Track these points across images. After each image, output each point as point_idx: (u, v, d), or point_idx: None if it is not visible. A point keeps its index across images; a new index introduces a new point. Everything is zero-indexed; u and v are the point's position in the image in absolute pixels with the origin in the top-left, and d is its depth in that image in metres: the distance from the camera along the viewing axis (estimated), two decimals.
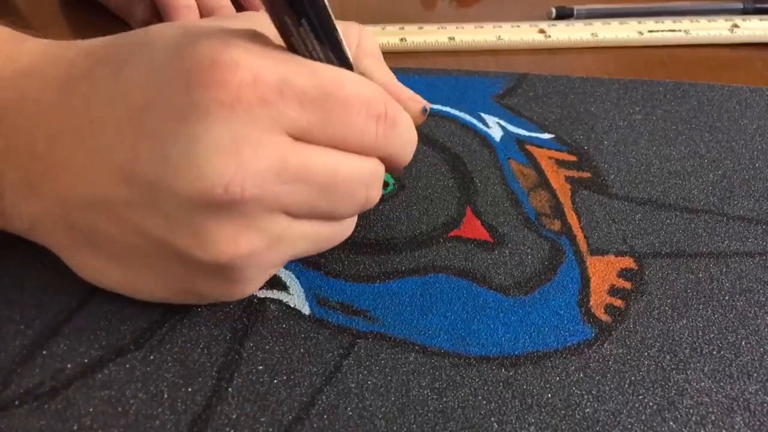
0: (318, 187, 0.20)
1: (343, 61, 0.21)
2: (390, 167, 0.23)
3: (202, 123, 0.18)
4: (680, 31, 0.42)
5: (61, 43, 0.22)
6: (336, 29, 0.20)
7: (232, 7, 0.38)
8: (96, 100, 0.20)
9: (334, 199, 0.21)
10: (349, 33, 0.24)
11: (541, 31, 0.41)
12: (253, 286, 0.22)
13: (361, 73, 0.22)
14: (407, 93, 0.25)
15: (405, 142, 0.23)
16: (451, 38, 0.40)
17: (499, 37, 0.40)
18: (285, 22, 0.19)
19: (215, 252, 0.19)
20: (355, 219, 0.24)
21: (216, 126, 0.18)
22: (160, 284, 0.22)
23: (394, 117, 0.21)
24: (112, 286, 0.22)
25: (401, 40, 0.39)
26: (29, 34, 0.23)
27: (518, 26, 0.42)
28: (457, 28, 0.41)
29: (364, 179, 0.21)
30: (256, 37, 0.20)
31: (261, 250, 0.20)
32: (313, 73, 0.19)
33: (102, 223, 0.20)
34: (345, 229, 0.23)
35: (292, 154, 0.19)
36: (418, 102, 0.25)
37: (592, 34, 0.41)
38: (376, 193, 0.22)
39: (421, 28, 0.41)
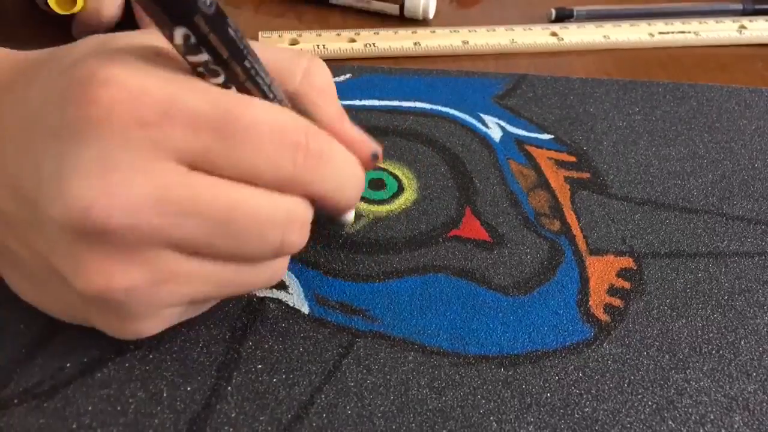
0: (213, 223, 0.18)
1: (259, 90, 0.19)
2: (326, 207, 0.21)
3: (72, 142, 0.17)
4: (690, 32, 0.42)
5: (8, 52, 0.22)
6: (242, 52, 0.18)
7: None
8: (5, 113, 0.19)
9: (236, 238, 0.19)
10: (294, 63, 0.21)
11: (554, 34, 0.41)
12: (149, 325, 0.20)
13: (303, 110, 0.21)
14: (357, 135, 0.22)
15: (340, 179, 0.20)
16: (465, 42, 0.40)
17: (513, 40, 0.40)
18: (168, 35, 0.17)
19: (87, 282, 0.18)
20: (283, 263, 0.22)
21: (85, 146, 0.17)
22: (66, 308, 0.21)
23: (320, 149, 0.19)
24: (31, 303, 0.22)
25: (415, 44, 0.39)
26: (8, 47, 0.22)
27: (530, 29, 0.42)
28: (469, 31, 0.41)
29: (276, 219, 0.19)
30: (156, 56, 0.18)
31: (144, 286, 0.18)
32: (209, 95, 0.18)
33: (7, 238, 0.20)
34: (265, 273, 0.21)
35: (179, 184, 0.17)
36: (368, 147, 0.22)
37: (605, 36, 0.41)
38: (296, 237, 0.20)
39: (434, 32, 0.41)
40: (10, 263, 0.21)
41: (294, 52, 0.22)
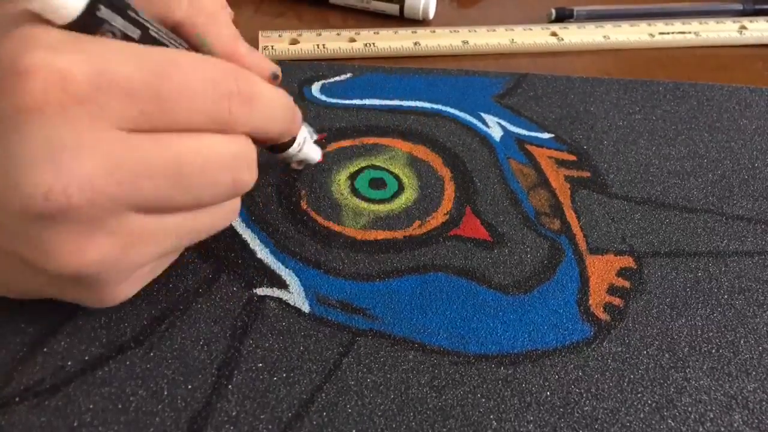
0: (166, 179, 0.18)
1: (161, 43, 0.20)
2: (262, 141, 0.22)
3: (13, 132, 0.16)
4: (690, 33, 0.42)
5: None
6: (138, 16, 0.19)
7: None
8: None
9: (190, 188, 0.19)
10: None
11: (554, 34, 0.41)
12: (123, 289, 0.20)
13: (193, 38, 0.21)
14: (254, 58, 0.22)
15: (272, 113, 0.21)
16: (465, 42, 0.40)
17: (513, 40, 0.40)
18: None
19: (60, 263, 0.18)
20: (235, 203, 0.22)
21: (28, 134, 0.16)
22: (33, 292, 0.21)
23: (250, 91, 0.20)
24: None
25: (415, 44, 0.39)
26: None
27: (530, 29, 0.42)
28: (469, 31, 0.41)
29: (224, 162, 0.20)
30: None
31: (115, 254, 0.18)
32: (138, 58, 0.18)
33: None
34: (222, 215, 0.22)
35: (125, 149, 0.17)
36: (267, 68, 0.23)
37: (605, 36, 0.41)
38: (246, 176, 0.21)
39: (434, 31, 0.41)
40: None
41: None
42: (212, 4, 0.21)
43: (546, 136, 0.33)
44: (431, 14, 0.42)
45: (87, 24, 0.17)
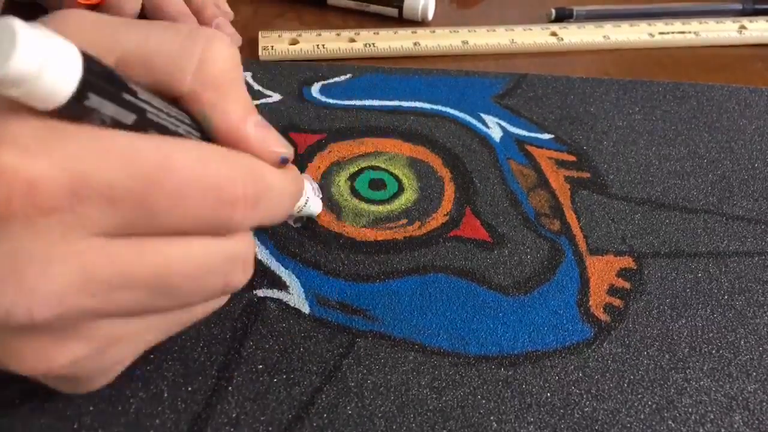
0: (147, 289, 0.17)
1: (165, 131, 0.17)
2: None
3: None
4: (690, 32, 0.42)
5: None
6: (131, 91, 0.16)
7: (192, 16, 0.37)
8: None
9: (177, 295, 0.18)
10: (185, 54, 0.18)
11: (553, 34, 0.41)
12: (103, 380, 0.19)
13: (199, 113, 0.18)
14: (262, 141, 0.19)
15: (278, 205, 0.20)
16: (465, 42, 0.40)
17: (512, 40, 0.40)
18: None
19: (28, 367, 0.17)
20: (225, 296, 0.21)
21: None
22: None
23: (258, 193, 0.18)
24: None
25: (414, 44, 0.39)
26: None
27: (530, 29, 0.42)
28: (469, 31, 0.41)
29: (215, 266, 0.18)
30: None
31: (89, 356, 0.17)
32: (124, 161, 0.15)
33: None
34: (210, 306, 0.20)
35: (102, 259, 0.16)
36: (275, 153, 0.20)
37: (604, 36, 0.41)
38: (240, 277, 0.19)
39: (434, 32, 0.41)
40: None
41: (186, 36, 0.18)
42: (222, 75, 0.18)
43: (546, 136, 0.33)
44: (430, 15, 0.42)
45: (74, 111, 0.15)
